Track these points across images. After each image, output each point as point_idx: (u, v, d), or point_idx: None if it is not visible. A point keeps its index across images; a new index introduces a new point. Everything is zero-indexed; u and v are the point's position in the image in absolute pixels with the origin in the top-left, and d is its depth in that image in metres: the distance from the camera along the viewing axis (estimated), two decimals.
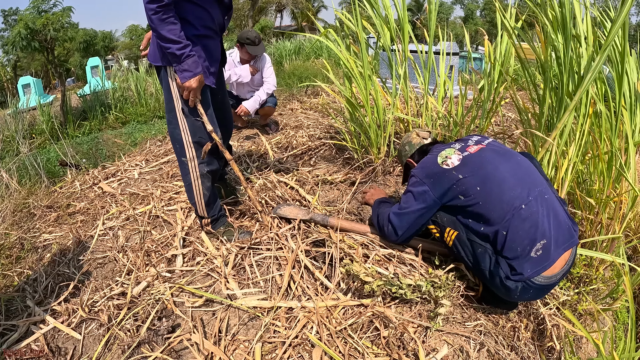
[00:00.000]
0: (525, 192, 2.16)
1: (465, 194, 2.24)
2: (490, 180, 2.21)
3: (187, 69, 2.38)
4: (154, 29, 2.28)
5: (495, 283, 2.18)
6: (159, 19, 2.22)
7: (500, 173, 2.22)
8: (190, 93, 2.47)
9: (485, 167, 2.25)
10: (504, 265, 2.13)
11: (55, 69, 11.00)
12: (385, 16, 3.62)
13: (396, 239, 2.51)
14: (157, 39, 2.35)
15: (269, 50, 14.95)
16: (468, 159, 2.31)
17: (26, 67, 32.76)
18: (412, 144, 2.79)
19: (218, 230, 2.98)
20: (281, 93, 8.74)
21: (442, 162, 2.34)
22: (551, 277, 2.10)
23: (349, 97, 3.70)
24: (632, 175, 2.71)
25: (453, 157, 2.33)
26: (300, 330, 2.18)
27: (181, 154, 2.70)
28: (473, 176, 2.24)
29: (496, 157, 2.31)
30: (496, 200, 2.17)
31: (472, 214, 2.26)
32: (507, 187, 2.18)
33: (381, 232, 2.63)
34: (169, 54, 2.35)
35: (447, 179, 2.28)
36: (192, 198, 2.83)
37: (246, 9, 29.84)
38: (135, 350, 2.15)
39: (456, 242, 2.32)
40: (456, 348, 2.13)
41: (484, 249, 2.21)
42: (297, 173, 3.87)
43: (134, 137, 6.45)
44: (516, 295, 2.14)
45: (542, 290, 2.14)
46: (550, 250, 2.07)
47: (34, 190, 4.21)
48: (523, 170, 2.28)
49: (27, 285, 2.73)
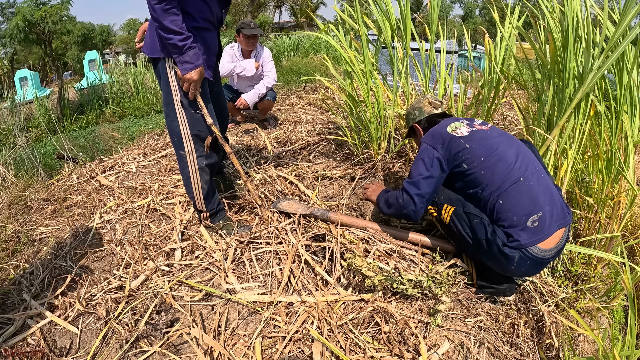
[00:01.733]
0: (524, 168, 2.30)
1: (469, 162, 2.37)
2: (493, 153, 2.34)
3: (188, 61, 2.36)
4: (156, 19, 2.25)
5: (493, 252, 2.25)
6: (162, 9, 2.20)
7: (502, 149, 2.37)
8: (191, 85, 2.45)
9: (489, 141, 2.40)
10: (500, 234, 2.22)
11: (52, 62, 10.95)
12: (387, 12, 3.61)
13: (415, 207, 2.49)
14: (158, 30, 2.31)
15: (268, 46, 14.92)
16: (475, 133, 2.46)
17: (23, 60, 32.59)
18: (422, 110, 2.87)
19: (217, 224, 2.96)
20: (280, 89, 8.73)
21: (452, 130, 2.47)
22: (546, 251, 2.18)
23: (350, 92, 3.69)
24: (631, 174, 2.72)
25: (462, 129, 2.48)
26: (300, 325, 2.18)
27: (179, 147, 2.68)
28: (479, 147, 2.37)
29: (499, 136, 2.46)
30: (497, 170, 2.30)
31: (471, 182, 2.39)
32: (508, 160, 2.32)
33: (396, 209, 2.60)
34: (170, 45, 2.32)
35: (455, 145, 2.41)
36: (190, 192, 2.81)
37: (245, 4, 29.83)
38: (133, 344, 2.14)
39: (453, 217, 2.42)
40: (457, 344, 2.13)
41: (480, 219, 2.31)
42: (297, 168, 3.86)
43: (131, 131, 6.43)
44: (513, 265, 2.21)
45: (538, 264, 2.22)
46: (545, 223, 2.17)
47: (31, 183, 4.20)
48: (522, 151, 2.41)
49: (23, 278, 2.71)
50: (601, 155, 2.77)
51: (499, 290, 2.45)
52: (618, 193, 2.78)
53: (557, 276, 2.72)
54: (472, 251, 2.44)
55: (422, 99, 2.92)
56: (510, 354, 2.15)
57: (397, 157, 3.83)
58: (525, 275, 2.40)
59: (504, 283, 2.44)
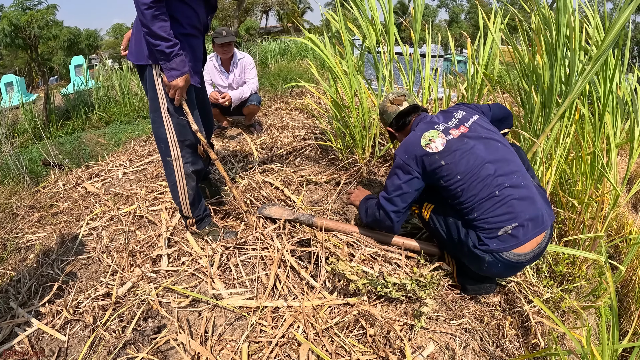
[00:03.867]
0: (502, 179, 2.24)
1: (445, 179, 2.30)
2: (471, 168, 2.26)
3: (174, 68, 2.38)
4: (145, 25, 2.26)
5: (464, 251, 2.31)
6: (152, 14, 2.22)
7: (480, 160, 2.28)
8: (177, 92, 2.47)
9: (467, 155, 2.29)
10: (472, 235, 2.27)
11: (38, 67, 10.91)
12: (371, 17, 3.64)
13: (391, 223, 2.51)
14: (146, 36, 2.32)
15: (254, 51, 14.90)
16: (451, 144, 2.33)
17: (9, 65, 32.41)
18: (388, 112, 2.77)
19: (203, 230, 2.97)
20: (266, 94, 8.73)
21: (426, 144, 2.36)
22: (521, 255, 2.20)
23: (334, 98, 3.71)
24: (613, 175, 2.76)
25: (437, 141, 2.35)
26: (286, 329, 2.19)
27: (166, 154, 2.69)
28: (455, 165, 2.28)
29: (477, 143, 2.34)
30: (473, 185, 2.25)
31: (448, 194, 2.35)
32: (485, 173, 2.25)
33: (374, 222, 2.63)
34: (157, 51, 2.34)
35: (429, 162, 2.33)
36: (176, 198, 2.82)
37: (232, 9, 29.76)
38: (121, 351, 2.13)
39: (432, 215, 2.48)
40: (442, 345, 2.15)
41: (454, 220, 2.36)
42: (282, 173, 3.87)
43: (117, 137, 6.40)
44: (485, 266, 2.25)
45: (511, 267, 2.25)
46: (520, 232, 2.18)
47: (17, 190, 4.17)
48: (503, 157, 2.33)
49: (10, 286, 2.70)
50: (585, 157, 2.81)
51: (481, 288, 2.49)
52: (601, 194, 2.82)
53: (542, 277, 2.76)
54: (450, 249, 2.50)
55: (384, 101, 2.82)
56: (496, 354, 2.17)
57: (381, 162, 3.85)
58: (500, 276, 2.46)
59: (485, 281, 2.48)
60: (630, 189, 2.92)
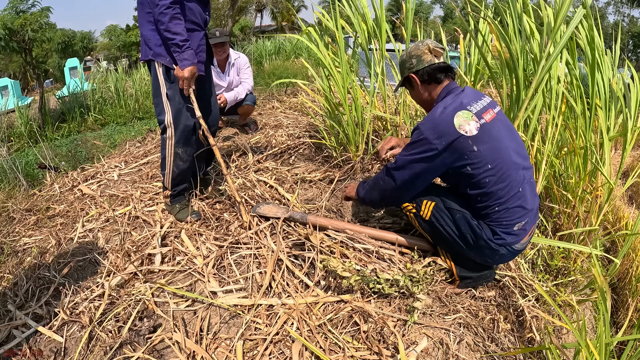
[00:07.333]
0: (522, 175, 2.23)
1: (474, 166, 2.16)
2: (502, 159, 2.16)
3: (186, 58, 2.75)
4: (162, 23, 2.65)
5: (479, 244, 2.29)
6: (172, 14, 2.64)
7: (509, 153, 2.19)
8: (185, 81, 2.81)
9: (498, 144, 2.17)
10: (486, 229, 2.26)
11: (33, 70, 10.87)
12: (363, 15, 3.65)
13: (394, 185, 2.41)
14: (164, 32, 2.70)
15: (249, 50, 14.89)
16: (485, 130, 2.16)
17: (4, 69, 32.32)
18: (421, 59, 2.40)
19: (174, 207, 3.29)
20: (261, 92, 8.72)
21: (459, 126, 2.14)
22: (524, 243, 2.32)
23: (328, 95, 3.72)
24: (607, 169, 2.77)
25: (471, 124, 2.14)
26: (280, 326, 2.21)
27: (163, 132, 3.07)
28: (488, 152, 2.14)
29: (507, 133, 2.25)
30: (502, 178, 2.17)
31: (470, 184, 2.23)
32: (513, 169, 2.18)
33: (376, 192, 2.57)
34: (172, 44, 2.72)
35: (461, 146, 2.14)
36: (163, 169, 3.18)
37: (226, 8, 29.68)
38: (117, 351, 2.15)
39: (434, 212, 2.40)
40: (436, 340, 2.17)
41: (462, 214, 2.32)
42: (276, 172, 3.88)
43: (113, 139, 6.40)
44: (497, 257, 2.32)
45: (515, 254, 2.35)
46: (528, 225, 2.27)
47: (13, 194, 4.17)
48: (522, 149, 2.32)
49: (7, 289, 2.71)
50: (577, 151, 2.82)
51: (481, 277, 2.50)
52: (595, 188, 2.83)
53: (537, 270, 2.77)
54: (454, 245, 2.40)
55: (420, 44, 2.44)
56: (491, 349, 2.19)
57: (375, 159, 3.86)
58: (501, 262, 2.49)
59: (484, 270, 2.49)
60: (625, 182, 2.93)
